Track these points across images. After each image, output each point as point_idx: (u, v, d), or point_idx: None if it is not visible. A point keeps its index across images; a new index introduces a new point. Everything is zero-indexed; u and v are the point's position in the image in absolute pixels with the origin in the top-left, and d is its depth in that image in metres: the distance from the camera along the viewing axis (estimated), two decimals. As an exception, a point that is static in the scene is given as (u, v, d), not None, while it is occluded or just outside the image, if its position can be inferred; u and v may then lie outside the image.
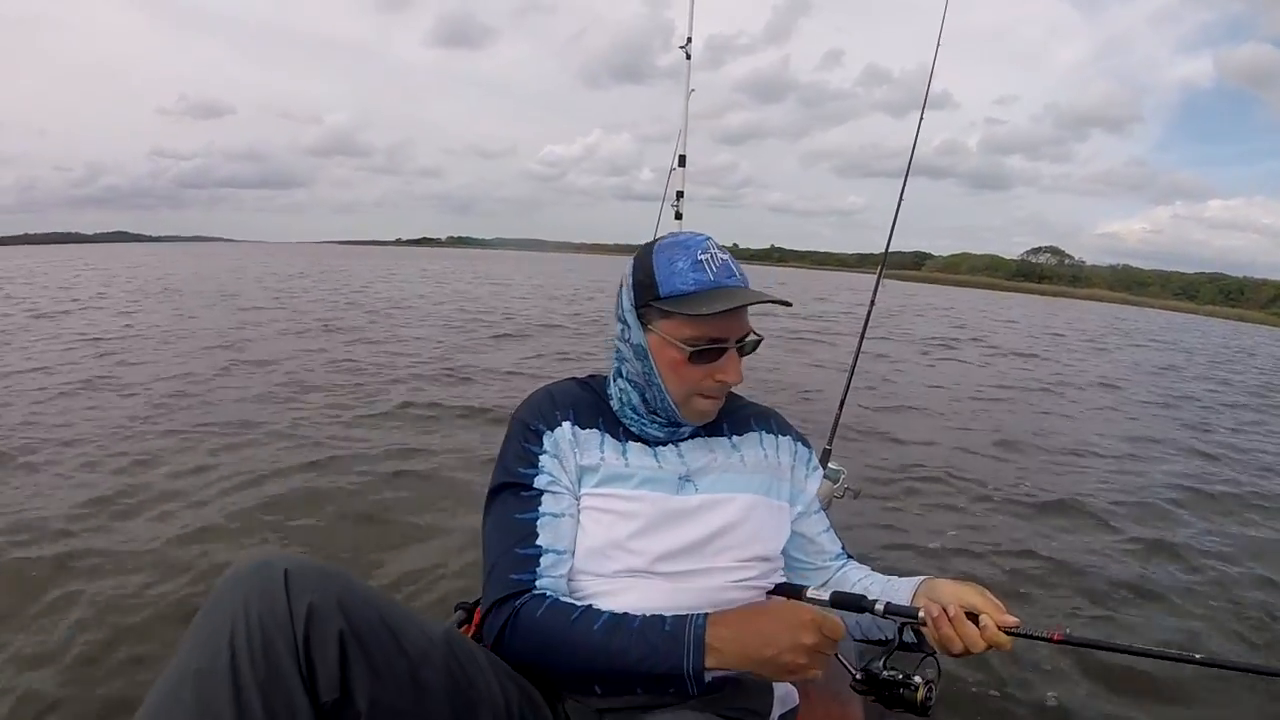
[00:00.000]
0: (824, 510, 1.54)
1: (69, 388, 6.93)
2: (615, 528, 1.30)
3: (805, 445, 1.52)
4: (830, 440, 2.88)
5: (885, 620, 1.24)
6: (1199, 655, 1.13)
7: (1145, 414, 9.39)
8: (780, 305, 1.35)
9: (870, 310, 3.14)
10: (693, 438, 1.41)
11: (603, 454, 1.35)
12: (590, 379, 1.49)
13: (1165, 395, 11.26)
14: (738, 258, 1.35)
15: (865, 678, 1.16)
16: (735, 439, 1.45)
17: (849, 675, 1.19)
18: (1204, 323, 51.82)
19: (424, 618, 1.09)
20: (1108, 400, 10.31)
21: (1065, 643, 1.13)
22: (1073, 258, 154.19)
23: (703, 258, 1.28)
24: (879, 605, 1.22)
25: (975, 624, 1.14)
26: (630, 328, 1.33)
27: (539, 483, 1.31)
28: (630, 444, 1.38)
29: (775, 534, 1.40)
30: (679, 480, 1.35)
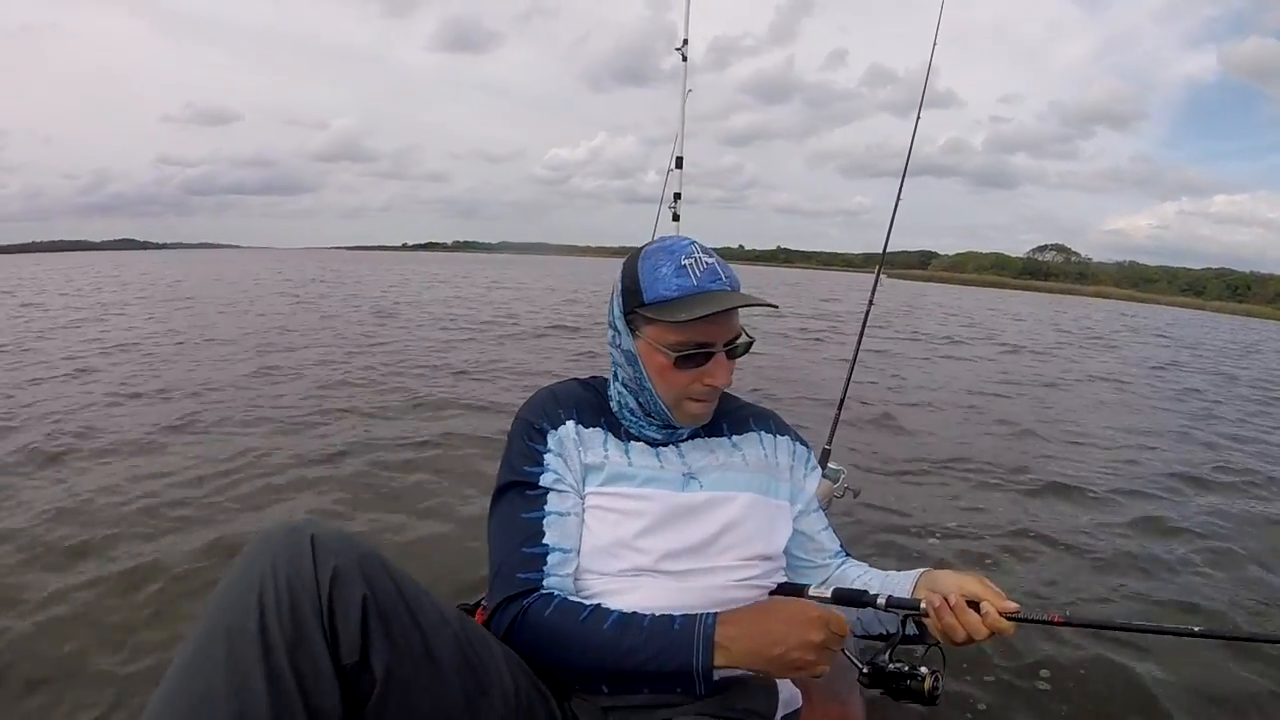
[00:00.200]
0: (823, 509, 1.56)
1: (119, 388, 7.20)
2: (621, 526, 1.31)
3: (804, 445, 1.55)
4: (830, 440, 2.90)
5: (887, 614, 1.27)
6: (1197, 628, 1.15)
7: (1149, 408, 9.40)
8: (770, 308, 1.39)
9: (869, 309, 3.16)
10: (692, 438, 1.44)
11: (606, 453, 1.37)
12: (592, 379, 1.51)
13: (1170, 389, 11.24)
14: (744, 259, 1.36)
15: (872, 672, 1.18)
16: (735, 438, 1.47)
17: (853, 671, 1.22)
18: (1211, 319, 51.44)
19: (438, 596, 1.11)
20: (1113, 395, 10.29)
21: (1066, 624, 1.17)
22: (1079, 255, 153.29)
23: (686, 263, 1.29)
24: (880, 600, 1.25)
25: (976, 612, 1.16)
26: (620, 334, 1.36)
27: (545, 481, 1.32)
28: (632, 444, 1.40)
29: (777, 532, 1.42)
30: (683, 478, 1.37)
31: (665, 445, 1.41)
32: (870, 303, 3.19)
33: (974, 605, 1.17)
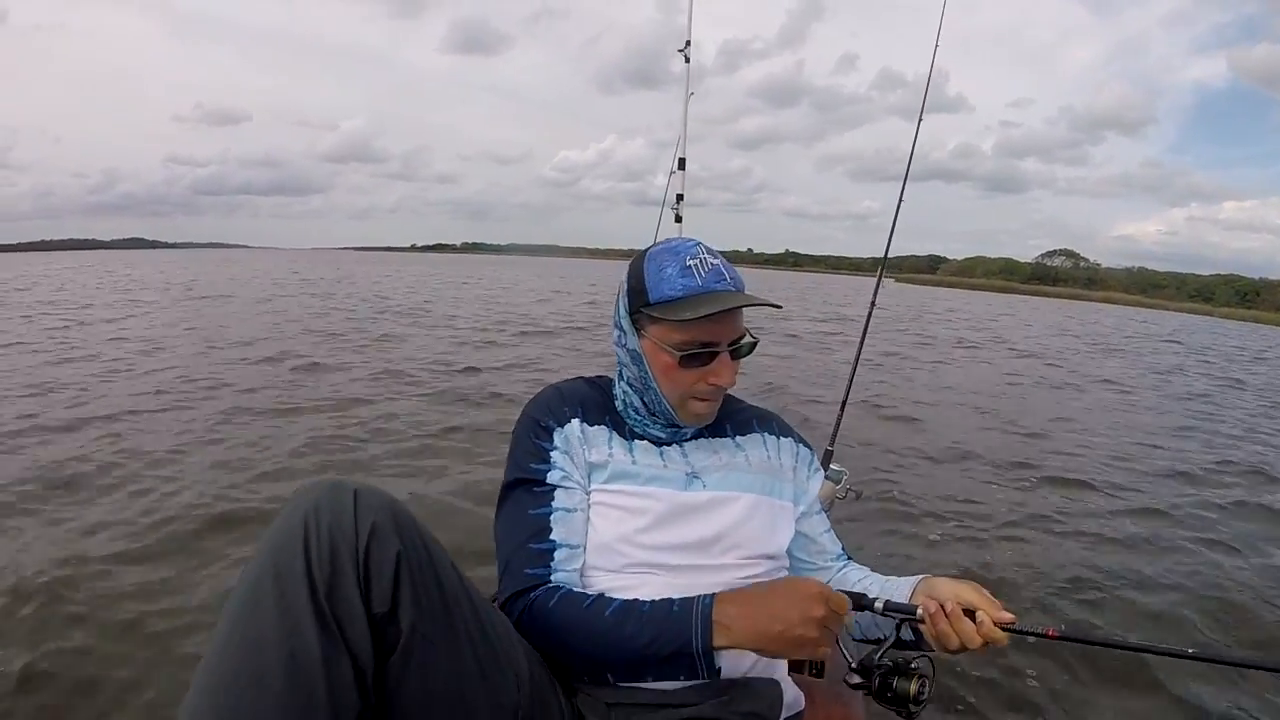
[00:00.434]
0: (826, 511, 1.56)
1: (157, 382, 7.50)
2: (625, 523, 1.32)
3: (807, 447, 1.55)
4: (832, 441, 2.90)
5: (884, 618, 1.26)
6: (1191, 650, 1.14)
7: (1155, 412, 9.41)
8: (774, 308, 1.38)
9: (870, 312, 3.17)
10: (696, 438, 1.44)
11: (611, 450, 1.38)
12: (598, 378, 1.52)
13: (1176, 393, 11.26)
14: (752, 262, 1.37)
15: (860, 670, 1.19)
16: (739, 439, 1.48)
17: (848, 670, 1.22)
18: (1219, 324, 51.28)
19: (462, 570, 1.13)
20: (1118, 399, 10.31)
21: (1060, 639, 1.16)
22: (1088, 260, 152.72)
23: (691, 263, 1.30)
24: (878, 603, 1.24)
25: (972, 620, 1.17)
26: (626, 333, 1.37)
27: (551, 478, 1.33)
28: (637, 442, 1.40)
29: (780, 533, 1.42)
30: (686, 477, 1.37)
31: (669, 444, 1.41)
32: (873, 305, 3.20)
33: (970, 614, 1.17)
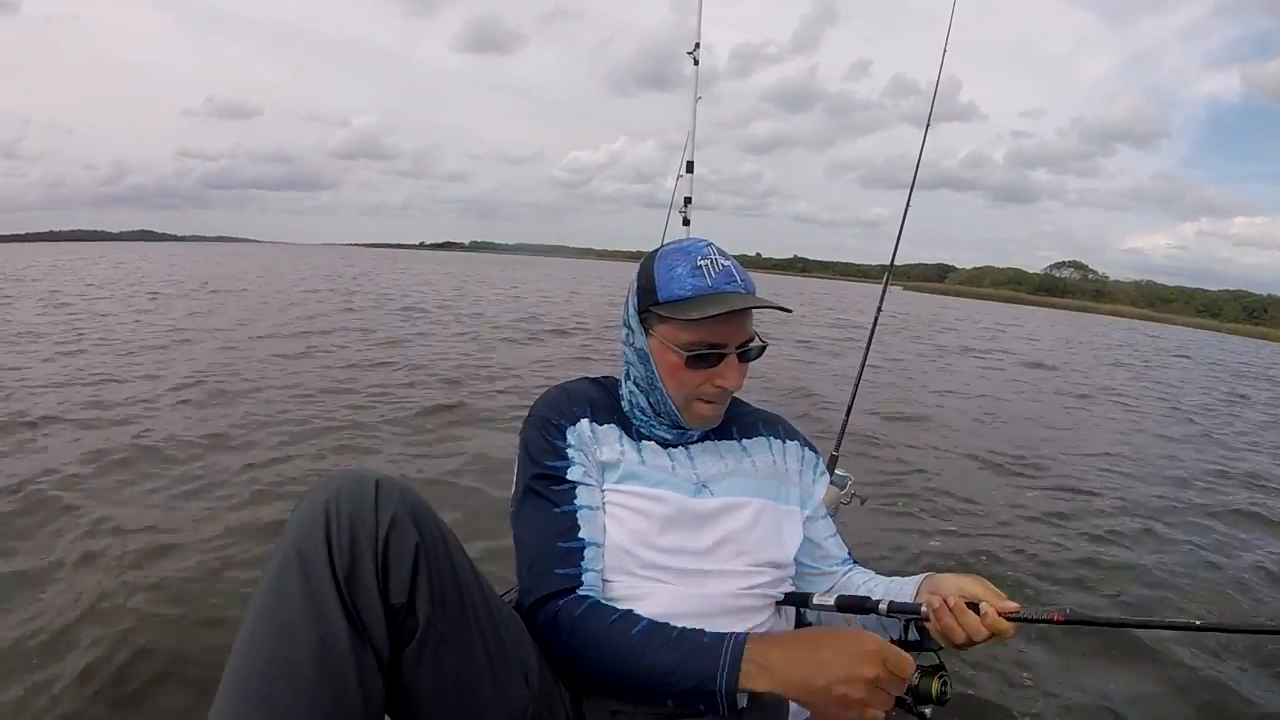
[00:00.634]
0: (831, 516, 1.54)
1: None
2: (635, 526, 1.30)
3: (813, 450, 1.53)
4: (837, 446, 2.89)
5: (890, 620, 1.25)
6: (1198, 621, 1.12)
7: (1158, 422, 9.39)
8: (784, 311, 1.34)
9: (876, 319, 3.17)
10: (702, 440, 1.42)
11: (622, 449, 1.36)
12: (604, 378, 1.50)
13: (1179, 405, 11.20)
14: (761, 267, 1.35)
15: None
16: (745, 443, 1.45)
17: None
18: (1226, 340, 51.21)
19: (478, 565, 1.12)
20: (1119, 410, 10.29)
21: (1066, 623, 1.14)
22: (1096, 273, 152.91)
23: (702, 263, 1.28)
24: (883, 605, 1.22)
25: (976, 613, 1.14)
26: (634, 332, 1.35)
27: (573, 474, 1.31)
28: (644, 443, 1.38)
29: (787, 538, 1.41)
30: (695, 486, 1.35)
31: (675, 446, 1.39)
32: (878, 312, 3.20)
33: (974, 606, 1.15)
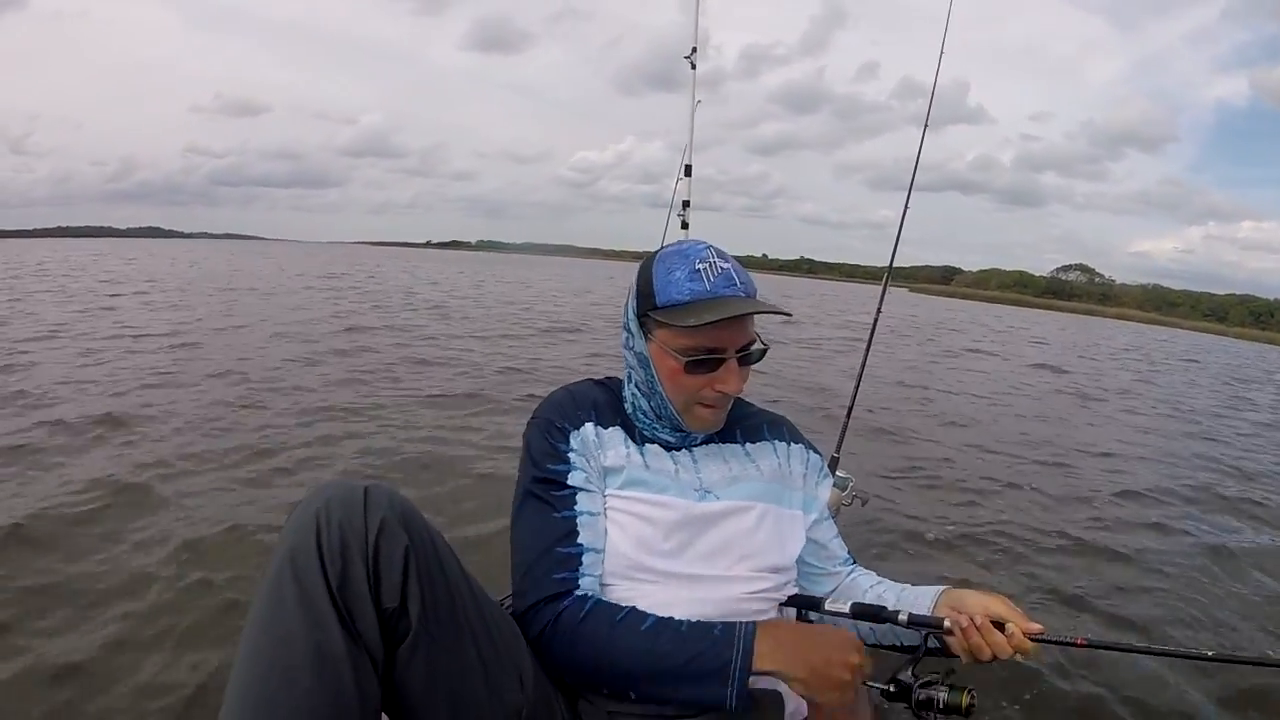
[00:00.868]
0: (833, 517, 1.55)
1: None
2: (639, 531, 1.29)
3: (816, 453, 1.53)
4: (838, 448, 2.88)
5: (907, 630, 1.27)
6: (1210, 652, 1.17)
7: (1163, 426, 9.38)
8: (784, 315, 1.35)
9: (876, 320, 3.16)
10: (705, 443, 1.42)
11: (627, 453, 1.35)
12: (608, 380, 1.49)
13: (1187, 408, 11.16)
14: (768, 268, 1.33)
15: (899, 690, 1.17)
16: (749, 446, 1.45)
17: (865, 692, 1.21)
18: (1232, 344, 51.13)
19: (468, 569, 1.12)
20: (1125, 412, 10.29)
21: (1089, 646, 1.19)
22: (1103, 276, 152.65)
23: (700, 267, 1.27)
24: (902, 616, 1.24)
25: (1001, 632, 1.17)
26: (633, 336, 1.34)
27: (574, 480, 1.30)
28: (648, 446, 1.38)
29: (791, 542, 1.41)
30: (698, 492, 1.35)
31: (679, 450, 1.39)
32: (878, 313, 3.20)
33: (999, 625, 1.18)
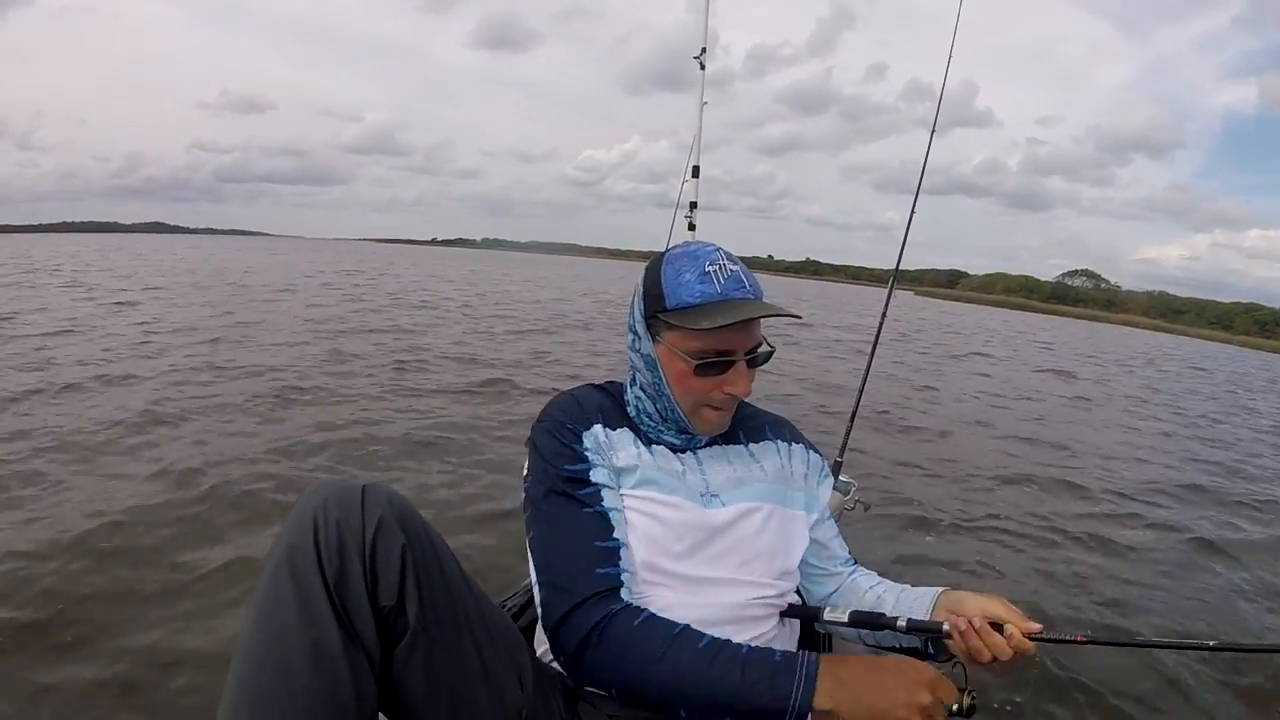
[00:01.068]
0: (834, 520, 1.54)
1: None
2: (652, 531, 1.29)
3: (817, 453, 1.53)
4: (842, 453, 2.87)
5: (907, 635, 1.26)
6: (1212, 642, 1.20)
7: (1166, 430, 9.38)
8: (793, 318, 1.34)
9: (881, 324, 3.15)
10: (710, 445, 1.42)
11: (638, 453, 1.34)
12: (608, 384, 1.49)
13: (1189, 412, 11.19)
14: (773, 270, 1.32)
15: None
16: (752, 447, 1.45)
17: None
18: (1237, 352, 51.11)
19: (467, 569, 1.11)
20: (1129, 419, 10.30)
21: (1090, 643, 1.17)
22: (1108, 282, 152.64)
23: (710, 269, 1.26)
24: (900, 623, 1.24)
25: (1000, 633, 1.16)
26: (640, 338, 1.34)
27: (596, 477, 1.29)
28: (655, 447, 1.37)
29: (795, 544, 1.41)
30: (703, 497, 1.34)
31: (684, 451, 1.38)
32: (883, 317, 3.19)
33: (997, 627, 1.17)
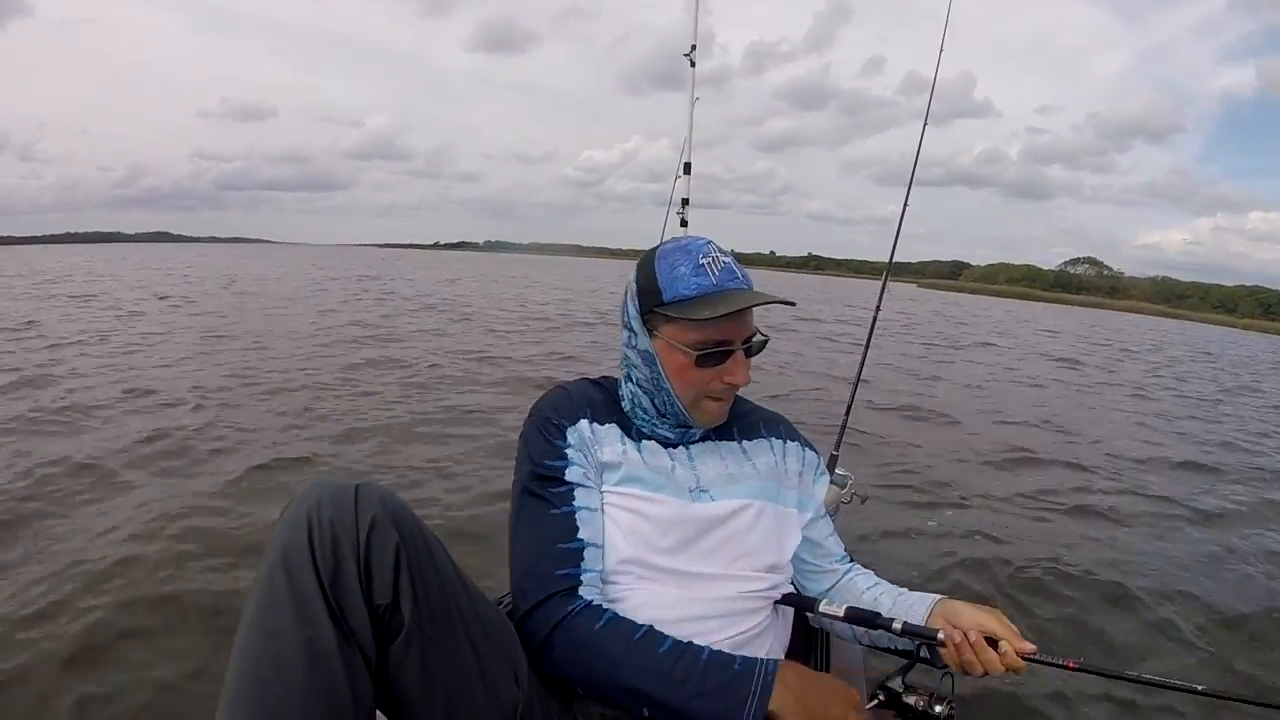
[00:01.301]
0: (831, 516, 1.55)
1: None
2: (635, 528, 1.30)
3: (813, 451, 1.53)
4: (837, 446, 2.86)
5: (900, 638, 1.27)
6: (1200, 686, 1.18)
7: (1176, 421, 9.33)
8: (788, 305, 1.38)
9: (875, 317, 3.15)
10: (703, 440, 1.42)
11: (623, 449, 1.36)
12: (602, 379, 1.50)
13: (1191, 397, 11.13)
14: (775, 265, 1.34)
15: (887, 697, 1.19)
16: (745, 444, 1.45)
17: (861, 684, 1.22)
18: (1242, 335, 50.86)
19: (462, 568, 1.13)
20: (1130, 406, 10.30)
21: (1081, 670, 1.18)
22: (1111, 269, 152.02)
23: (704, 261, 1.28)
24: (896, 625, 1.24)
25: (995, 649, 1.18)
26: (637, 334, 1.34)
27: (571, 476, 1.30)
28: (645, 443, 1.38)
29: (786, 541, 1.41)
30: (692, 492, 1.35)
31: (676, 446, 1.39)
32: (877, 309, 3.19)
33: (992, 642, 1.18)
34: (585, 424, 1.36)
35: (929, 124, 3.30)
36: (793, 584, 1.44)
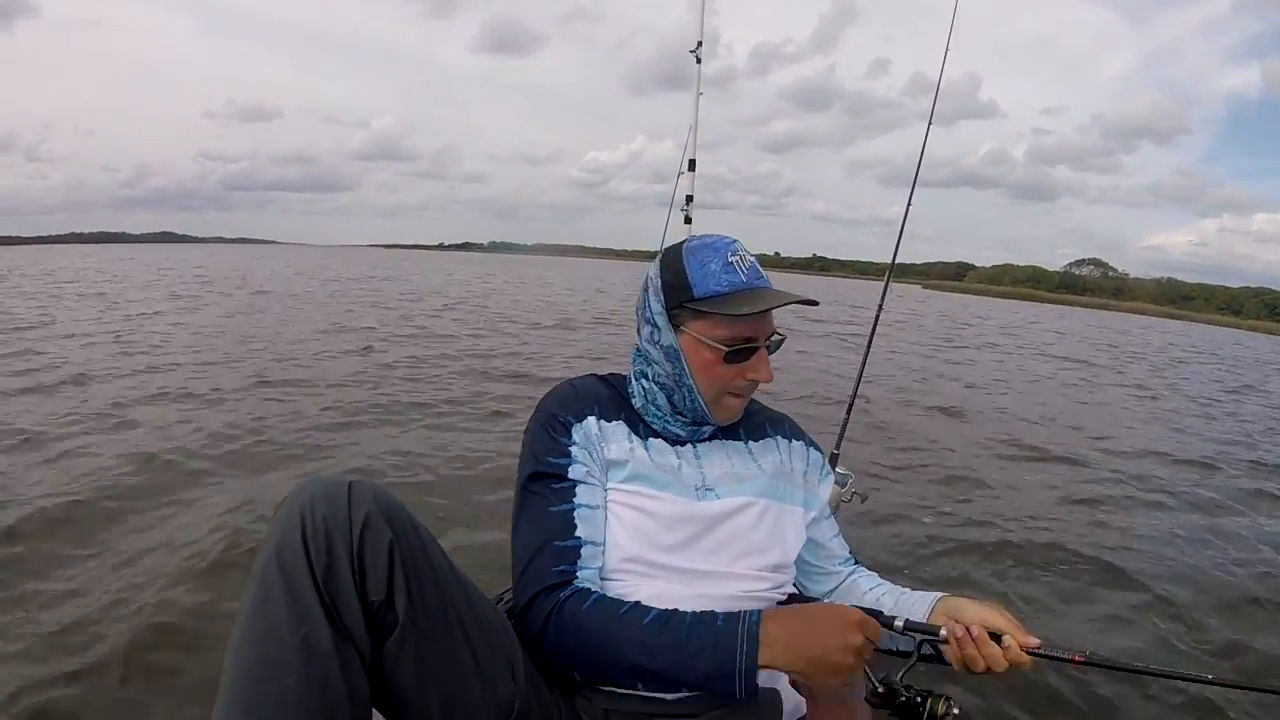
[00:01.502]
0: (833, 514, 1.55)
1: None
2: (640, 526, 1.30)
3: (818, 450, 1.54)
4: (838, 444, 2.86)
5: (903, 636, 1.26)
6: (1210, 676, 1.18)
7: (1179, 421, 9.27)
8: (811, 304, 1.36)
9: (877, 317, 3.14)
10: (710, 439, 1.43)
11: (630, 447, 1.36)
12: (610, 376, 1.50)
13: (1195, 397, 11.05)
14: (780, 266, 1.35)
15: (886, 692, 1.15)
16: (751, 444, 1.46)
17: (862, 681, 1.21)
18: (1248, 337, 50.72)
19: (458, 564, 1.13)
20: (1134, 406, 10.26)
21: (1086, 664, 1.16)
22: (1116, 270, 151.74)
23: (733, 259, 1.30)
24: (898, 622, 1.23)
25: (998, 644, 1.17)
26: (660, 330, 1.34)
27: (573, 473, 1.31)
28: (652, 440, 1.39)
29: (791, 540, 1.41)
30: (698, 490, 1.36)
31: (684, 444, 1.40)
32: (880, 309, 3.19)
33: (995, 637, 1.18)
34: (592, 421, 1.37)
35: (934, 125, 3.30)
36: (795, 586, 1.44)
